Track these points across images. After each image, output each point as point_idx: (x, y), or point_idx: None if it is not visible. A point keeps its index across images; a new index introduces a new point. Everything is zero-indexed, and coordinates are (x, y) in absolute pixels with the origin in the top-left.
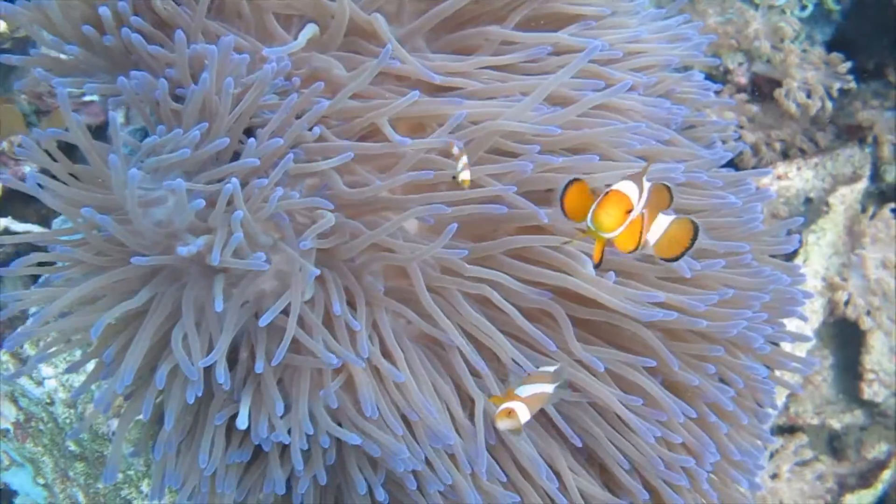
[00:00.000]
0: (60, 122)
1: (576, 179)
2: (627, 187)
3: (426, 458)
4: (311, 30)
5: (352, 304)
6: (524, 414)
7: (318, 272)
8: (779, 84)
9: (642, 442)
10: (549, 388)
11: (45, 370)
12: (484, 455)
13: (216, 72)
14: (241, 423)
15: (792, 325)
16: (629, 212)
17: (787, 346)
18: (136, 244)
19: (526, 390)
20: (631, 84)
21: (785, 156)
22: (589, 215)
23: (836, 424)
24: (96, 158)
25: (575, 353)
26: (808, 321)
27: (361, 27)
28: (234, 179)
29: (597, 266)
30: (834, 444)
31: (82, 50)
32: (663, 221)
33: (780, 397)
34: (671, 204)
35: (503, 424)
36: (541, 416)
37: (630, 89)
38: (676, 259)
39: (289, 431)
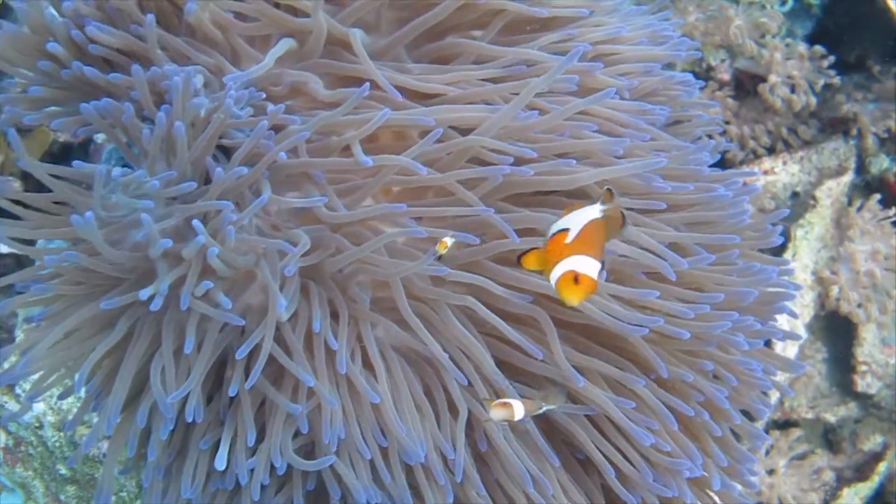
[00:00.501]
0: (42, 141)
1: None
2: (589, 265)
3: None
4: (283, 46)
5: (337, 318)
6: (519, 410)
7: (284, 303)
8: (762, 80)
9: (633, 450)
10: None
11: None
12: (461, 465)
13: (175, 111)
14: (220, 462)
15: (784, 320)
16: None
17: (778, 345)
18: (115, 270)
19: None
20: (614, 91)
21: (770, 151)
22: (552, 278)
23: (830, 418)
24: (67, 193)
25: (560, 365)
26: (798, 317)
27: (340, 39)
28: (199, 236)
29: None
30: (829, 438)
31: (44, 87)
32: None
33: (774, 393)
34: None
35: (497, 414)
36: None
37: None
38: None
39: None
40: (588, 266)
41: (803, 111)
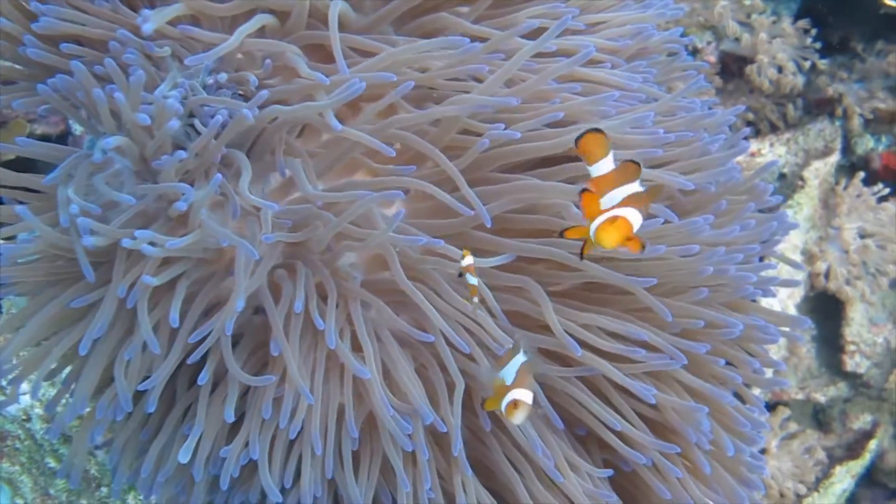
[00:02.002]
0: (17, 133)
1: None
2: (634, 216)
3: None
4: (257, 22)
5: (325, 299)
6: (527, 396)
7: (242, 304)
8: (748, 61)
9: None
10: (521, 357)
11: (21, 385)
12: (458, 441)
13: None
14: (184, 455)
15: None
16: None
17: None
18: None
19: (508, 374)
20: (593, 48)
21: (757, 133)
22: (592, 229)
23: (820, 398)
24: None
25: (557, 335)
26: (790, 295)
27: (323, 14)
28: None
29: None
30: (819, 418)
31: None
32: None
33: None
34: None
35: (518, 418)
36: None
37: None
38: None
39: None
40: (632, 216)
41: (791, 92)
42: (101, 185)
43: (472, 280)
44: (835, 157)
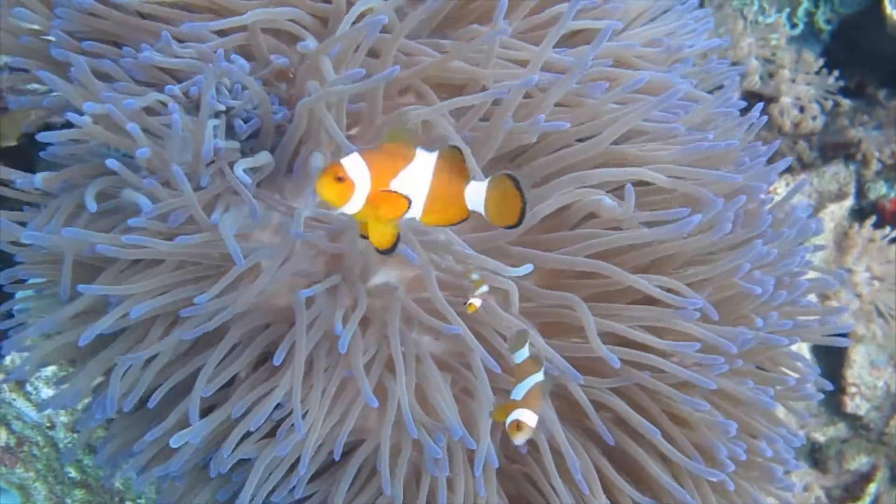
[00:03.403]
0: (18, 121)
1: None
2: (350, 158)
3: None
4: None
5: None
6: (531, 418)
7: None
8: (770, 100)
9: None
10: (539, 376)
11: (46, 391)
12: (482, 458)
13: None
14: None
15: None
16: (341, 178)
17: None
18: None
19: (520, 391)
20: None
21: None
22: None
23: (819, 437)
24: None
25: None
26: None
27: None
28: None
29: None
30: (815, 457)
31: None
32: (478, 188)
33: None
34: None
35: (520, 439)
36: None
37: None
38: (520, 222)
39: None
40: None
41: (810, 133)
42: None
43: (476, 300)
44: (849, 202)
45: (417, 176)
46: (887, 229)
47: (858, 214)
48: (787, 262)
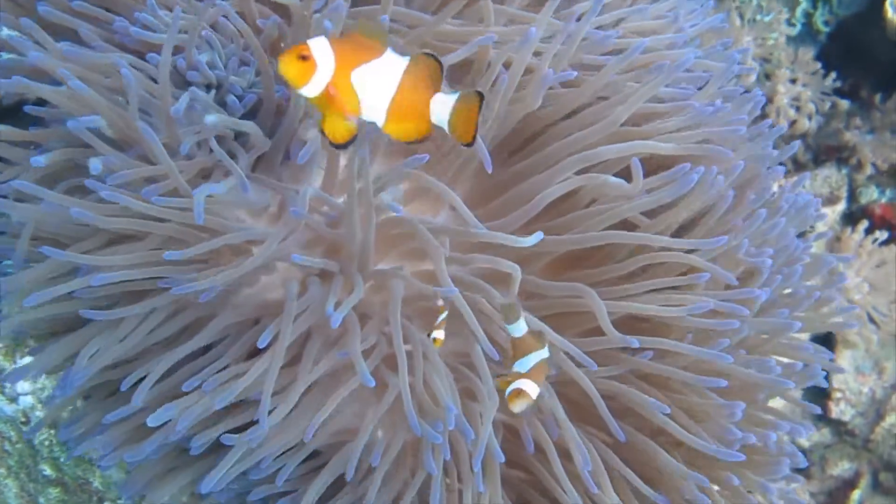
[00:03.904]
0: None
1: None
2: (316, 40)
3: None
4: None
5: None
6: (533, 389)
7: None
8: (767, 100)
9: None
10: (544, 353)
11: (22, 385)
12: (481, 451)
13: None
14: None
15: None
16: (304, 57)
17: None
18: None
19: (525, 364)
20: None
21: None
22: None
23: (804, 443)
24: None
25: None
26: None
27: None
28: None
29: None
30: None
31: None
32: (446, 101)
33: None
34: (442, 77)
35: (518, 407)
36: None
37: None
38: (473, 141)
39: None
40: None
41: (806, 136)
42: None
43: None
44: (841, 206)
45: (384, 75)
46: (877, 234)
47: (849, 218)
48: (786, 243)
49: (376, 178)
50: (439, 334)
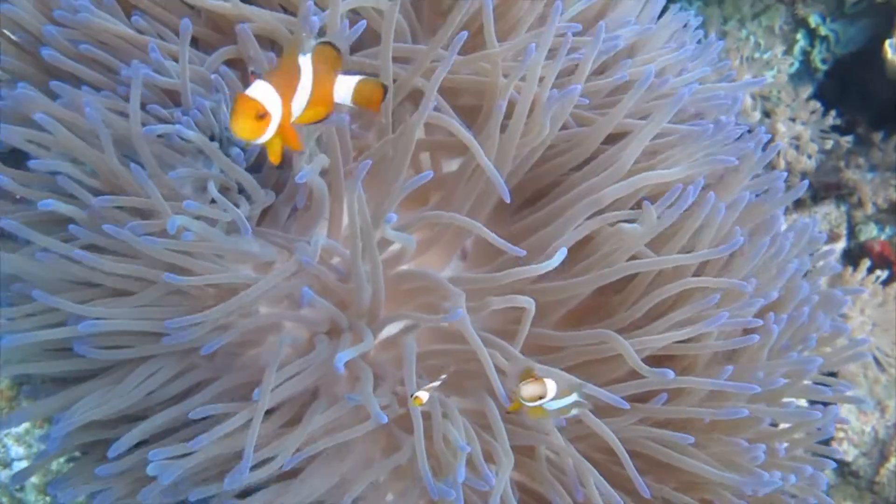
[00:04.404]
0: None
1: None
2: (261, 89)
3: None
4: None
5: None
6: (551, 385)
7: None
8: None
9: None
10: (576, 398)
11: (16, 449)
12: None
13: None
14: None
15: None
16: (262, 116)
17: None
18: None
19: (555, 404)
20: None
21: None
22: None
23: None
24: None
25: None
26: None
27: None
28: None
29: None
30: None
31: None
32: (348, 82)
33: None
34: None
35: (529, 391)
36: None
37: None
38: (378, 111)
39: None
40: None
41: (805, 174)
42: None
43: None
44: (842, 244)
45: (303, 86)
46: (878, 273)
47: (849, 255)
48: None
49: (376, 210)
50: (423, 395)
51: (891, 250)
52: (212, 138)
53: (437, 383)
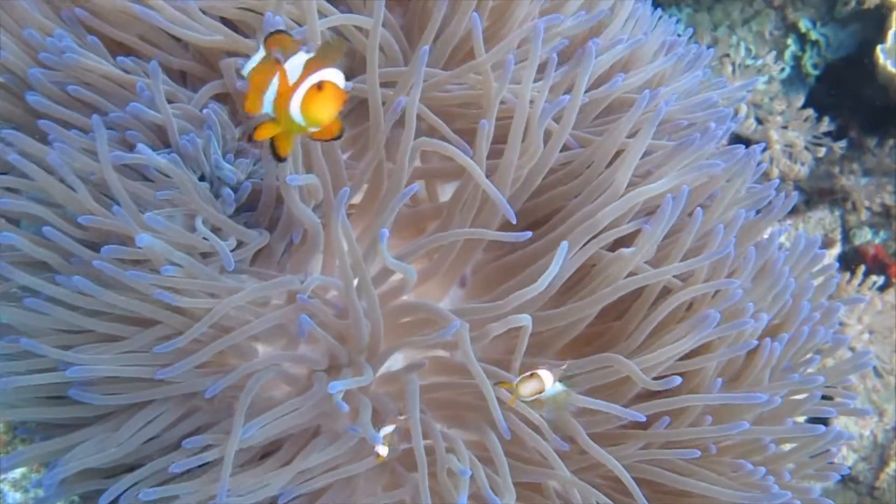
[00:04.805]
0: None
1: None
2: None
3: None
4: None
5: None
6: (548, 377)
7: None
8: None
9: None
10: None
11: (13, 495)
12: None
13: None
14: None
15: None
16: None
17: None
18: None
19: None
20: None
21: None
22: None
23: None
24: None
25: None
26: None
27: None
28: None
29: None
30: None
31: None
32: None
33: None
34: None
35: (527, 388)
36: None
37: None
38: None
39: None
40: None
41: (798, 180)
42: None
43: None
44: (837, 249)
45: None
46: (874, 278)
47: (844, 260)
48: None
49: (370, 243)
50: (383, 451)
51: (885, 253)
52: (202, 178)
53: (391, 428)
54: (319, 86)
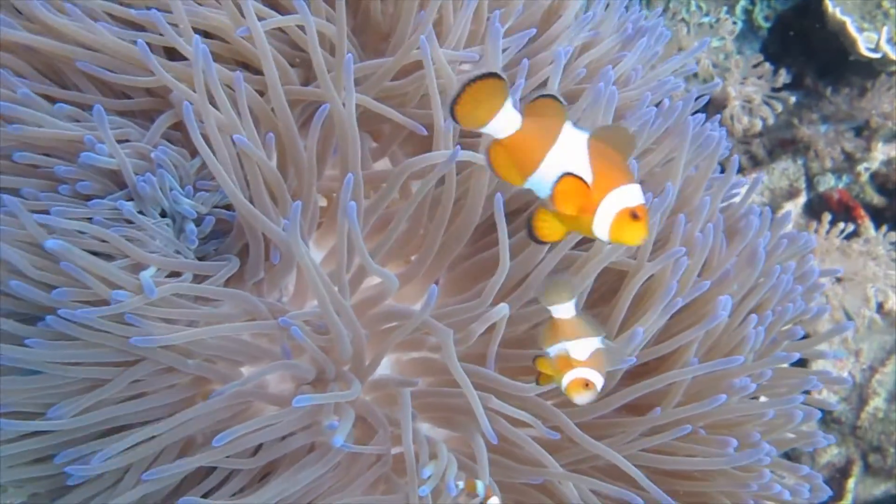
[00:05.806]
0: None
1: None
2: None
3: None
4: None
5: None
6: (598, 379)
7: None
8: (718, 105)
9: None
10: (597, 343)
11: None
12: None
13: None
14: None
15: None
16: None
17: None
18: None
19: (579, 349)
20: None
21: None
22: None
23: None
24: None
25: None
26: None
27: None
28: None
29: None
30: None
31: None
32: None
33: None
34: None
35: (582, 398)
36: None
37: None
38: None
39: None
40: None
41: (760, 134)
42: None
43: None
44: (803, 198)
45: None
46: (842, 225)
47: (810, 208)
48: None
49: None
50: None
51: (849, 196)
52: (162, 214)
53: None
54: (634, 214)
